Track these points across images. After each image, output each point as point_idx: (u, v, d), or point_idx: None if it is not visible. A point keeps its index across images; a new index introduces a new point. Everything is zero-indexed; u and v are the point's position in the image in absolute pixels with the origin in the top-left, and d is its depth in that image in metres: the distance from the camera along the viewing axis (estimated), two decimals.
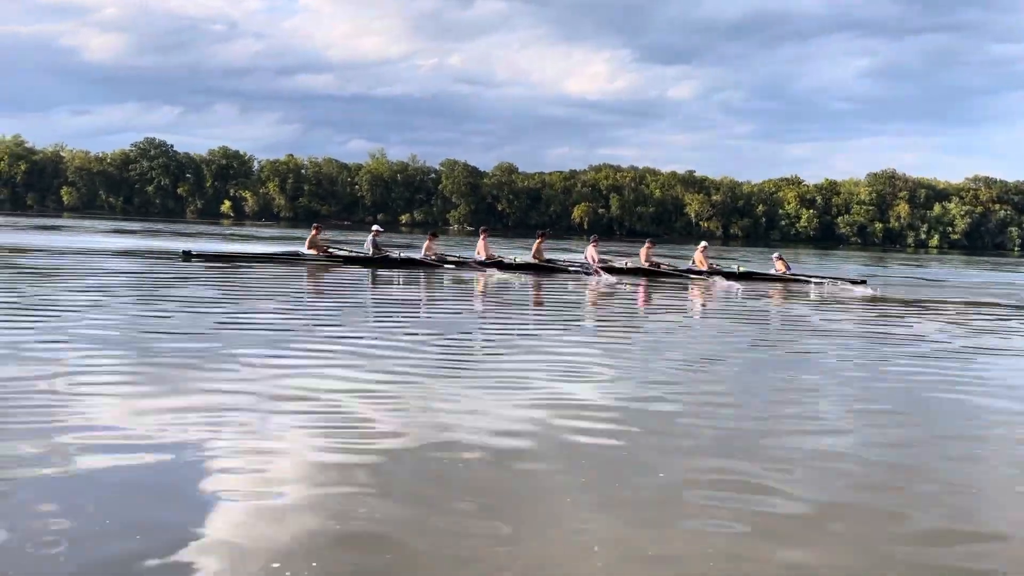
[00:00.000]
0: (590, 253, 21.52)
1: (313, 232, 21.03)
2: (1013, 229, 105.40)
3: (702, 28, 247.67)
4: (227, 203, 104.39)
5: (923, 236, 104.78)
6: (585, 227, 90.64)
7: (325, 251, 20.75)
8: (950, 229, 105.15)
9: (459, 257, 21.74)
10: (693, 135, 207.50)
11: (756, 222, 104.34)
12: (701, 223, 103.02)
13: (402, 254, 21.16)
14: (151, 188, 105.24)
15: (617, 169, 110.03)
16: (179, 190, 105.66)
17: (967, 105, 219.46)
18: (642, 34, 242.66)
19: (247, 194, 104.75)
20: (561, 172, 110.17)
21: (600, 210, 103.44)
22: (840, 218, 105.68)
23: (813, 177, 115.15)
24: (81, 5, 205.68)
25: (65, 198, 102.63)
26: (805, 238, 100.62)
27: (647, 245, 22.45)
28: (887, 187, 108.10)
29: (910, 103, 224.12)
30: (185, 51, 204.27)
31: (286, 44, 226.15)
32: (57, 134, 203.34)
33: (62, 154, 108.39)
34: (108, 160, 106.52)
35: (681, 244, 54.76)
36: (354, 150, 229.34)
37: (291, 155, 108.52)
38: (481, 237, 21.60)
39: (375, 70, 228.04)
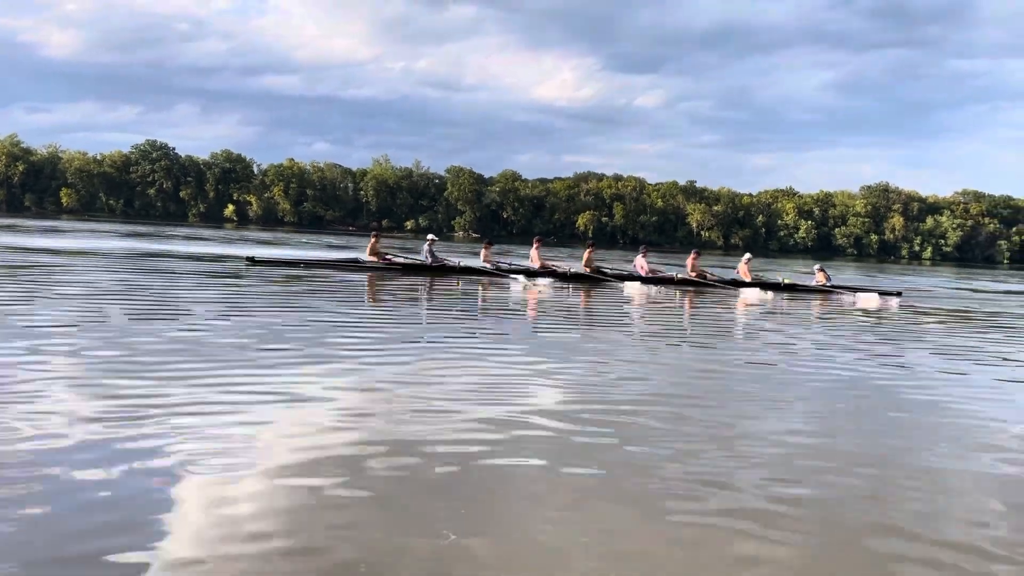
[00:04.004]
0: (639, 263, 22.33)
1: (372, 240, 21.75)
2: (1002, 242, 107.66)
3: (670, 38, 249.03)
4: (231, 207, 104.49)
5: (916, 248, 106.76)
6: (589, 235, 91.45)
7: (385, 259, 21.40)
8: (942, 242, 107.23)
9: (510, 264, 22.48)
10: (659, 143, 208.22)
11: (756, 232, 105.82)
12: (703, 233, 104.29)
13: (461, 262, 21.82)
14: (152, 191, 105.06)
15: (619, 178, 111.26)
16: (181, 194, 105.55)
17: (926, 119, 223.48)
18: (610, 43, 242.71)
19: (251, 198, 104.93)
20: (565, 179, 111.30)
21: (603, 219, 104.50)
22: (837, 229, 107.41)
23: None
24: (43, 0, 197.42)
25: (64, 200, 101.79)
26: (803, 248, 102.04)
27: (693, 256, 23.24)
28: (881, 200, 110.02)
29: (870, 116, 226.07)
30: (148, 49, 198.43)
31: (254, 44, 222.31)
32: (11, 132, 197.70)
33: (60, 155, 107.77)
34: (108, 162, 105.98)
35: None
36: (318, 152, 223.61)
37: (292, 159, 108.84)
38: (534, 246, 22.30)
39: (343, 72, 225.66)
